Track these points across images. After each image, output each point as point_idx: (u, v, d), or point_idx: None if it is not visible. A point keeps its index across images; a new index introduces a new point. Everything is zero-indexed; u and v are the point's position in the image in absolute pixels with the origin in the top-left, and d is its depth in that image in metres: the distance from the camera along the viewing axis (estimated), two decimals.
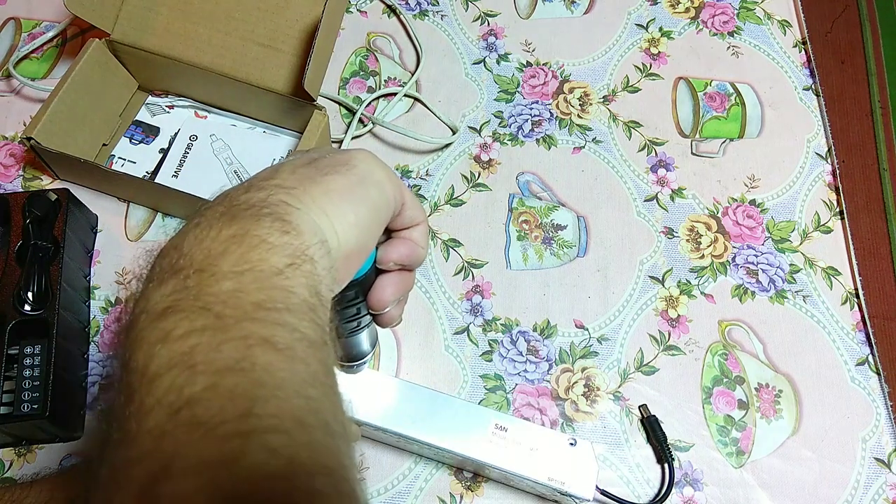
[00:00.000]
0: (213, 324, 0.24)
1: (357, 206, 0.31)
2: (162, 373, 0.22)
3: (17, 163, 0.64)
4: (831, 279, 0.62)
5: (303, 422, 0.23)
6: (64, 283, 0.53)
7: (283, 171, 0.31)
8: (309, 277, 0.27)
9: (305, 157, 0.32)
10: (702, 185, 0.66)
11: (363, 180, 0.31)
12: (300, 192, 0.29)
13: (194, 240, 0.26)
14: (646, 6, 0.76)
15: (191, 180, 0.63)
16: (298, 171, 0.31)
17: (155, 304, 0.25)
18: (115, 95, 0.65)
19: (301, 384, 0.24)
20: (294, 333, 0.25)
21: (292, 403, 0.23)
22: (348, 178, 0.31)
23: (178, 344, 0.23)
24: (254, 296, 0.25)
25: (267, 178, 0.30)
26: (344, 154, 0.32)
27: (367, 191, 0.31)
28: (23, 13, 0.72)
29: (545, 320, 0.60)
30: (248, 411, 0.22)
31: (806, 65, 0.73)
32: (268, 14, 0.61)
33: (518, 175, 0.66)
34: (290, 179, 0.30)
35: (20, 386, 0.49)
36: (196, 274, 0.25)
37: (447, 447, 0.48)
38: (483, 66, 0.72)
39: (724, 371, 0.58)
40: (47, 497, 0.39)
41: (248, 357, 0.23)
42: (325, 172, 0.31)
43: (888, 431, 0.56)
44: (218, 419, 0.21)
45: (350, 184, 0.31)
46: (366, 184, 0.31)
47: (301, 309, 0.26)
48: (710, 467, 0.55)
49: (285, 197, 0.29)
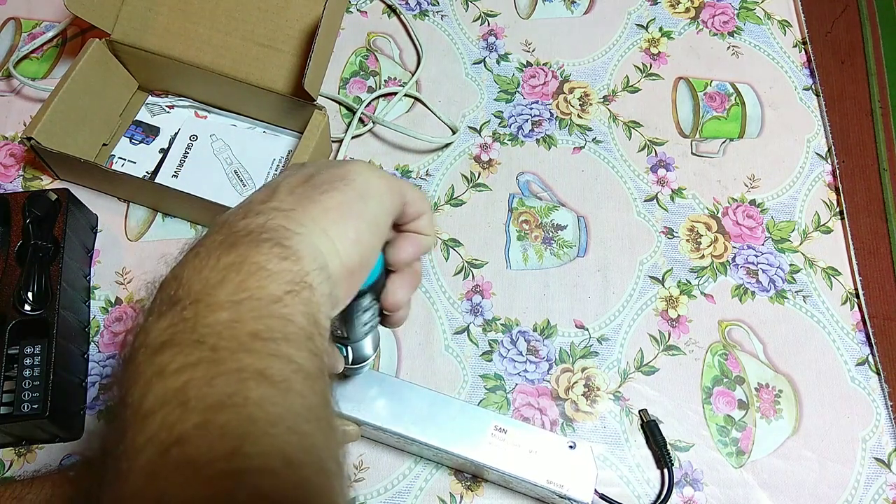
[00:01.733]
0: (208, 356, 0.23)
1: (357, 221, 0.30)
2: (155, 409, 0.22)
3: (17, 163, 0.64)
4: (831, 279, 0.62)
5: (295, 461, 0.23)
6: (64, 283, 0.53)
7: (280, 191, 0.30)
8: (307, 305, 0.26)
9: (302, 174, 0.32)
10: (702, 185, 0.66)
11: (362, 194, 0.31)
12: (299, 213, 0.29)
13: (193, 270, 0.26)
14: (646, 6, 0.76)
15: (191, 180, 0.63)
16: (296, 190, 0.30)
17: (154, 338, 0.24)
18: (115, 95, 0.65)
19: (296, 419, 0.24)
20: (290, 365, 0.25)
21: (284, 440, 0.23)
22: (346, 194, 0.30)
23: (173, 379, 0.23)
24: (250, 325, 0.25)
25: (264, 201, 0.30)
26: (340, 167, 0.32)
27: (367, 205, 0.31)
28: (23, 13, 0.72)
29: (545, 320, 0.60)
30: (237, 450, 0.22)
31: (806, 65, 0.73)
32: (268, 14, 0.61)
33: (518, 175, 0.66)
34: (288, 200, 0.30)
35: (20, 386, 0.49)
36: (193, 305, 0.25)
37: (446, 448, 0.48)
38: (483, 66, 0.72)
39: (724, 371, 0.58)
40: (48, 494, 0.39)
41: (240, 391, 0.23)
42: (322, 190, 0.30)
43: (888, 431, 0.56)
44: (207, 458, 0.21)
45: (348, 200, 0.30)
46: (364, 197, 0.31)
47: (298, 338, 0.26)
48: (710, 467, 0.55)
49: (284, 220, 0.28)
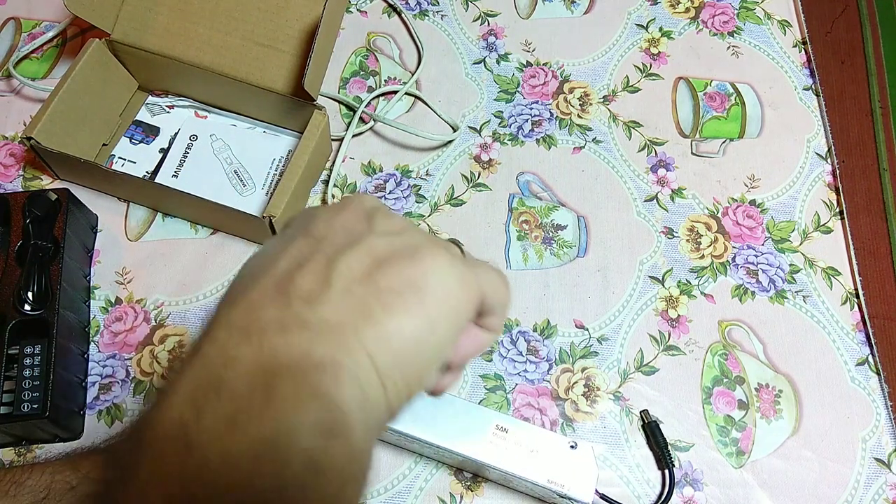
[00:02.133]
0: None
1: (421, 367, 0.24)
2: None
3: (17, 163, 0.64)
4: (831, 279, 0.62)
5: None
6: (64, 283, 0.53)
7: (335, 283, 0.23)
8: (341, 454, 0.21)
9: (367, 254, 0.25)
10: (702, 185, 0.66)
11: (433, 320, 0.24)
12: (350, 337, 0.22)
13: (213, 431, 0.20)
14: (646, 6, 0.76)
15: (191, 180, 0.63)
16: (355, 290, 0.23)
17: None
18: (115, 95, 0.65)
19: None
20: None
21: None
22: (415, 320, 0.24)
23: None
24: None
25: (311, 297, 0.23)
26: (414, 261, 0.25)
27: (436, 334, 0.24)
28: (23, 13, 0.72)
29: (545, 320, 0.60)
30: None
31: (806, 65, 0.73)
32: (268, 14, 0.61)
33: (518, 175, 0.66)
34: (342, 307, 0.23)
35: (20, 386, 0.49)
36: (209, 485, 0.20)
37: (447, 447, 0.48)
38: (483, 65, 0.72)
39: (724, 371, 0.58)
40: (48, 480, 0.39)
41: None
42: (386, 303, 0.23)
43: (888, 431, 0.56)
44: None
45: (416, 332, 0.24)
46: (435, 325, 0.24)
47: None
48: (710, 467, 0.55)
49: (333, 348, 0.22)
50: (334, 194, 0.64)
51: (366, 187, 0.64)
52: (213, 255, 0.61)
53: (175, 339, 0.57)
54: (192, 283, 0.59)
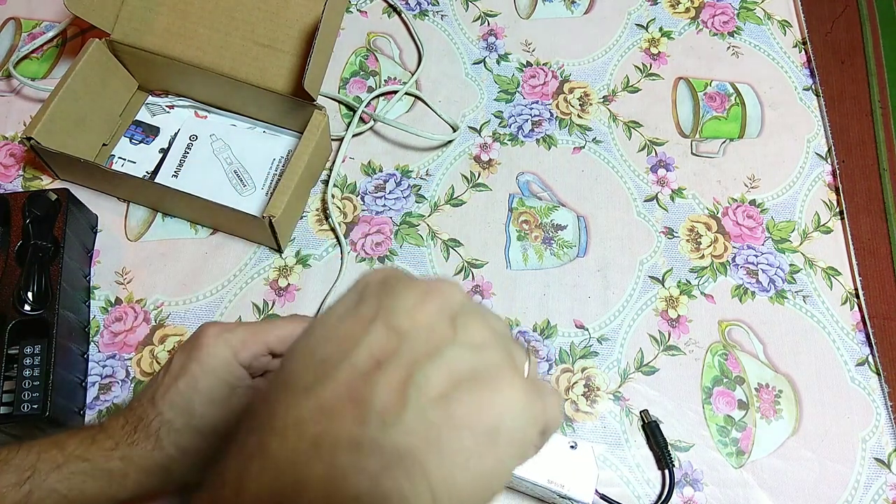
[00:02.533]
0: None
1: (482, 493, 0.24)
2: None
3: (17, 163, 0.64)
4: (831, 279, 0.62)
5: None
6: (64, 283, 0.53)
7: (411, 403, 0.23)
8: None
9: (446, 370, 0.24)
10: (702, 185, 0.66)
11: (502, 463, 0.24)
12: (418, 469, 0.22)
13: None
14: (646, 6, 0.76)
15: (191, 180, 0.63)
16: (429, 414, 0.23)
17: None
18: (115, 95, 0.65)
19: None
20: None
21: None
22: (484, 462, 0.23)
23: None
24: None
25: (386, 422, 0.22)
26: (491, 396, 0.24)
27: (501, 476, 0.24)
28: (23, 13, 0.72)
29: (545, 320, 0.60)
30: None
31: (806, 65, 0.73)
32: (268, 14, 0.61)
33: (518, 175, 0.66)
34: (415, 434, 0.22)
35: (20, 386, 0.49)
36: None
37: None
38: (483, 66, 0.72)
39: (724, 371, 0.58)
40: (34, 459, 0.38)
41: None
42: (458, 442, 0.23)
43: (888, 431, 0.56)
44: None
45: (485, 473, 0.23)
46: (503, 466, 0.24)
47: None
48: (710, 467, 0.55)
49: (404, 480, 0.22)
50: (334, 194, 0.64)
51: (366, 187, 0.64)
52: (213, 255, 0.61)
53: (175, 339, 0.57)
54: (192, 283, 0.59)
